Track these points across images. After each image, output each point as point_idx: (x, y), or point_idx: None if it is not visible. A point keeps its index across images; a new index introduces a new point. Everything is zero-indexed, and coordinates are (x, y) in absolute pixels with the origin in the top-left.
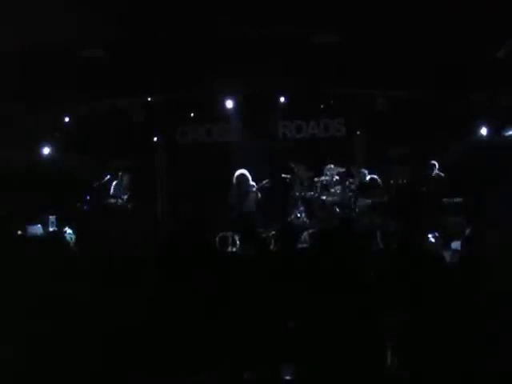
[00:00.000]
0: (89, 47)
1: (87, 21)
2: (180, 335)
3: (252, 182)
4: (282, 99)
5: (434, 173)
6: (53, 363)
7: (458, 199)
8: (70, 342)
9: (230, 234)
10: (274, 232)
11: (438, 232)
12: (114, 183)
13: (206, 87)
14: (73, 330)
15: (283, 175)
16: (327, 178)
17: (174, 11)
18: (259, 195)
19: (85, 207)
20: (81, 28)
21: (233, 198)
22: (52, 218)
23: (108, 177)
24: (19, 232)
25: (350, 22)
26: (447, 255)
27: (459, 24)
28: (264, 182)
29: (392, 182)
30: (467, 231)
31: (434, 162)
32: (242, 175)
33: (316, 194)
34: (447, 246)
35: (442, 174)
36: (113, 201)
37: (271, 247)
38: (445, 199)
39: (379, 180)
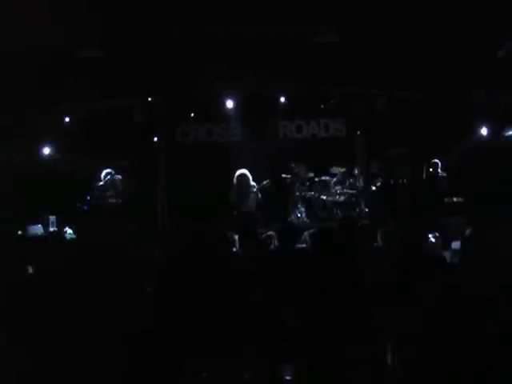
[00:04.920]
0: (89, 47)
1: (87, 21)
2: (180, 335)
3: (252, 182)
4: (282, 99)
5: (436, 172)
6: (52, 363)
7: (458, 199)
8: (70, 343)
9: (230, 233)
10: (273, 232)
11: (437, 232)
12: (98, 184)
13: (206, 87)
14: (73, 330)
15: (283, 175)
16: (327, 177)
17: (174, 11)
18: (259, 195)
19: (85, 207)
20: (81, 28)
21: (233, 198)
22: (52, 218)
23: (108, 177)
24: (19, 232)
25: (350, 22)
26: (447, 255)
27: (459, 24)
28: (264, 182)
29: (392, 181)
30: (467, 231)
31: (436, 160)
32: (243, 175)
33: (316, 194)
34: (447, 246)
35: (444, 174)
36: (113, 201)
37: (271, 247)
38: (445, 199)
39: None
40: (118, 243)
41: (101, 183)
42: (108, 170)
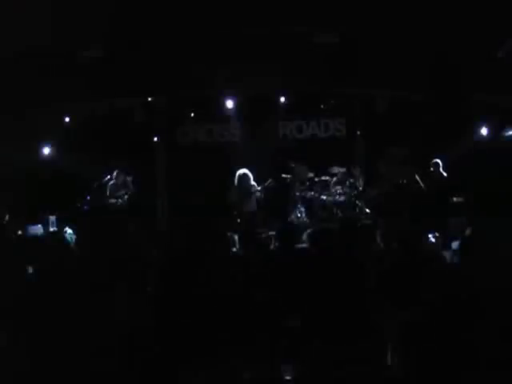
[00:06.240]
0: (89, 47)
1: (87, 21)
2: (180, 335)
3: (253, 182)
4: (282, 99)
5: (437, 171)
6: (52, 363)
7: (459, 199)
8: (70, 344)
9: (230, 234)
10: (273, 232)
11: (437, 232)
12: (110, 183)
13: (207, 87)
14: (72, 330)
15: (283, 175)
16: (327, 177)
17: (174, 11)
18: (261, 195)
19: (85, 207)
20: (81, 28)
21: (234, 198)
22: (52, 218)
23: (108, 177)
24: (19, 232)
25: (350, 22)
26: (447, 255)
27: (459, 24)
28: (267, 182)
29: (392, 182)
30: (467, 231)
31: (437, 160)
32: (244, 175)
33: (316, 194)
34: (447, 246)
35: (445, 174)
36: (113, 201)
37: (271, 247)
38: (445, 199)
39: None
40: (118, 243)
41: (114, 181)
42: (118, 170)
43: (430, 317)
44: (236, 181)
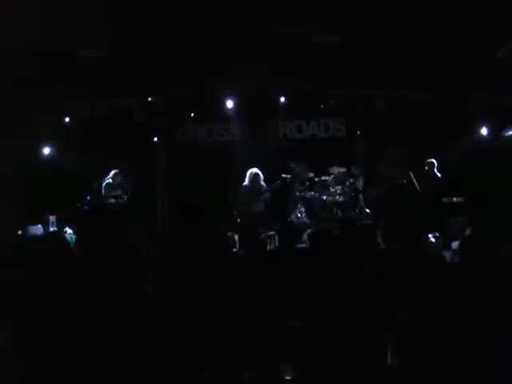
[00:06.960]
0: (89, 47)
1: (87, 21)
2: (180, 335)
3: (263, 182)
4: (282, 99)
5: (432, 171)
6: (51, 363)
7: (458, 199)
8: (69, 344)
9: (230, 233)
10: (273, 232)
11: (438, 232)
12: (105, 182)
13: (206, 87)
14: (72, 330)
15: (283, 175)
16: (327, 177)
17: (174, 11)
18: (269, 196)
19: (85, 207)
20: (81, 28)
21: (242, 197)
22: (52, 218)
23: (108, 177)
24: (19, 232)
25: (350, 22)
26: (447, 255)
27: (459, 24)
28: (276, 183)
29: (393, 182)
30: (467, 231)
31: (432, 160)
32: (256, 174)
33: (316, 194)
34: (447, 246)
35: (438, 174)
36: (112, 201)
37: (271, 247)
38: (445, 199)
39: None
40: (118, 243)
41: (109, 181)
42: (117, 170)
43: (429, 317)
44: (247, 180)
